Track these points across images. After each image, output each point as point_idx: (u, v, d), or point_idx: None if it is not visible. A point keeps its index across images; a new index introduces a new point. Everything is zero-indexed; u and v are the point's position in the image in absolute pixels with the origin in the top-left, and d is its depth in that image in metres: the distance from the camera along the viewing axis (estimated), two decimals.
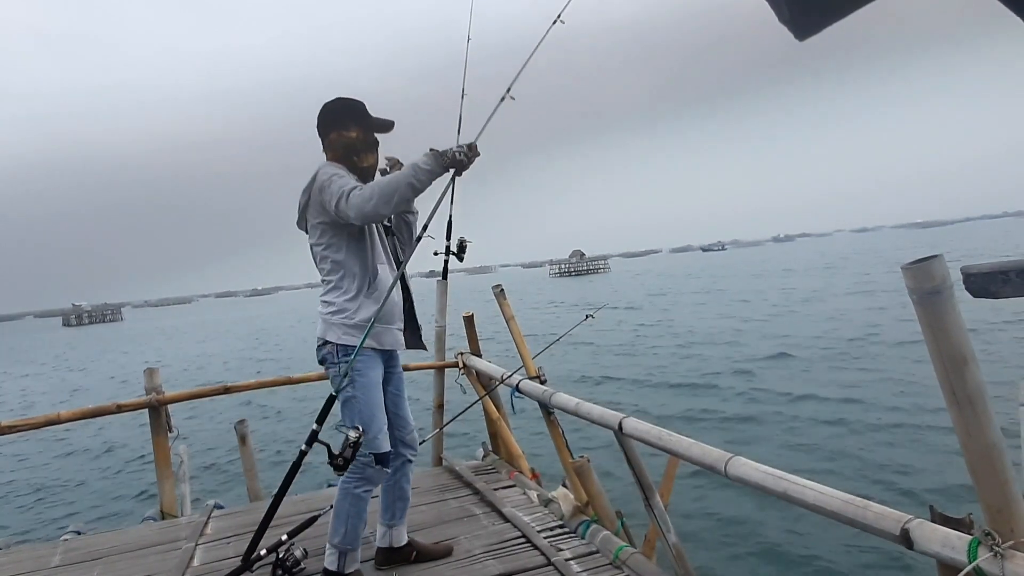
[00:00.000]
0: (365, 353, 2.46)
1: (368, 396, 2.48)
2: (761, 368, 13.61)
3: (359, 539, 2.58)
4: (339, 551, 2.55)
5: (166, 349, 36.51)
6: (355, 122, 2.53)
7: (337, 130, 2.53)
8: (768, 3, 0.65)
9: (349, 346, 2.44)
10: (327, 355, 2.50)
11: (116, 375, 24.61)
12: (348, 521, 2.52)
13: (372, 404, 2.49)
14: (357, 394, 2.46)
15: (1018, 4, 0.55)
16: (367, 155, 2.56)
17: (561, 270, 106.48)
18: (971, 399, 1.35)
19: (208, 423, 12.57)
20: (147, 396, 3.95)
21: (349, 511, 2.52)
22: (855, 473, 7.05)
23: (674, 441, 2.35)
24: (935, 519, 1.50)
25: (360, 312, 2.46)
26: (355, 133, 2.52)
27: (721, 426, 9.59)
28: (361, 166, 2.54)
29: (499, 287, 4.31)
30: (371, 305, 2.47)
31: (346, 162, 2.53)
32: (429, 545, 2.93)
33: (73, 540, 3.60)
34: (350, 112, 2.55)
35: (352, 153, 2.53)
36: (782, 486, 1.83)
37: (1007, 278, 1.67)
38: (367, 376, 2.48)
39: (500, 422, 4.25)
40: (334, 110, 2.54)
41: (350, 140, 2.52)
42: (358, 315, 2.46)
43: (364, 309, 2.47)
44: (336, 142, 2.53)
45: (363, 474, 2.49)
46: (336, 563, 2.55)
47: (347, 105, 2.54)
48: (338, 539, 2.54)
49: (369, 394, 2.48)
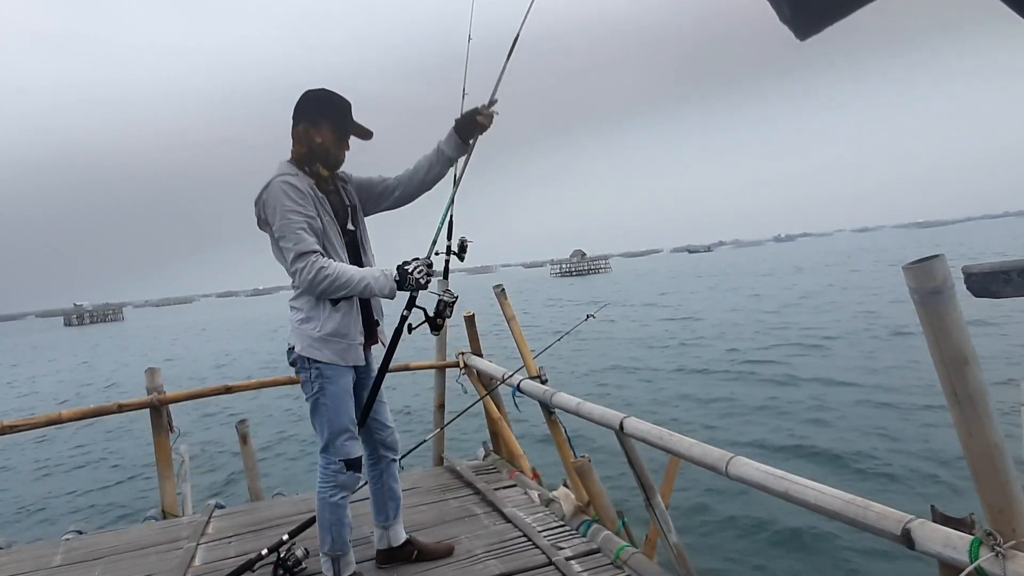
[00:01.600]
0: (332, 364, 2.45)
1: (337, 403, 2.46)
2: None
3: (347, 543, 2.59)
4: (331, 558, 2.56)
5: (199, 345, 36.57)
6: (329, 121, 2.43)
7: (307, 124, 2.43)
8: (769, 2, 0.65)
9: (313, 360, 2.43)
10: (296, 360, 2.49)
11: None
12: (332, 529, 2.52)
13: (341, 411, 2.47)
14: (327, 401, 2.45)
15: (1019, 3, 0.55)
16: (327, 164, 2.49)
17: (562, 270, 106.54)
18: (972, 399, 1.35)
19: (210, 422, 12.58)
20: (148, 396, 3.96)
21: (330, 519, 2.52)
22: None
23: (675, 441, 2.35)
24: (936, 519, 1.50)
25: (325, 325, 2.42)
26: (324, 136, 2.43)
27: None
28: (320, 174, 2.47)
29: (500, 287, 4.31)
30: (334, 316, 2.43)
31: (306, 165, 2.46)
32: (430, 544, 2.93)
33: (74, 540, 3.60)
34: (328, 109, 2.44)
35: (314, 159, 2.46)
36: (783, 486, 1.83)
37: (1008, 278, 1.67)
38: (336, 384, 2.46)
39: (501, 422, 4.25)
40: (312, 100, 2.44)
41: (316, 144, 2.44)
42: (323, 328, 2.41)
43: (329, 321, 2.42)
44: (303, 137, 2.44)
45: (335, 480, 2.49)
46: (332, 570, 2.56)
47: (328, 100, 2.44)
48: (327, 547, 2.55)
49: (338, 401, 2.46)
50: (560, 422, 3.57)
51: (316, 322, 2.41)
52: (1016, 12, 0.54)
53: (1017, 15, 0.55)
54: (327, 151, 2.45)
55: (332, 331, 2.42)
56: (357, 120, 2.51)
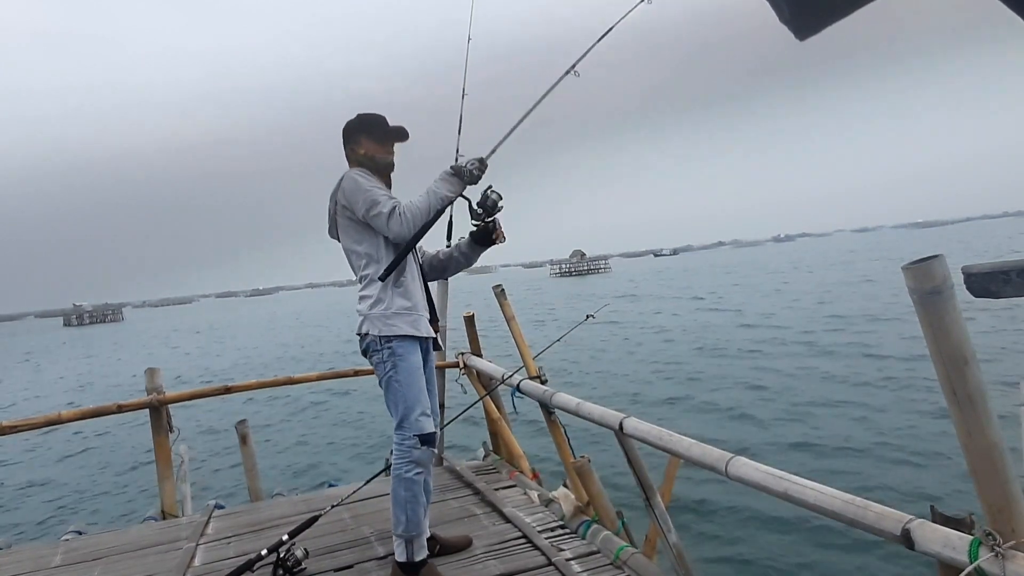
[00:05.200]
0: (404, 340, 2.58)
1: (410, 379, 2.57)
2: None
3: (422, 524, 2.59)
4: (404, 540, 2.56)
5: (225, 342, 36.63)
6: (366, 134, 2.76)
7: (351, 146, 2.78)
8: (769, 3, 0.65)
9: (390, 336, 2.56)
10: (369, 344, 2.62)
11: (182, 372, 23.53)
12: (407, 507, 2.54)
13: (414, 387, 2.57)
14: (400, 378, 2.56)
15: (1018, 4, 0.55)
16: (378, 169, 2.76)
17: (562, 270, 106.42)
18: (971, 398, 1.35)
19: (212, 421, 12.57)
20: (148, 396, 3.96)
21: (405, 496, 2.53)
22: None
23: (674, 441, 2.35)
24: (936, 519, 1.50)
25: (394, 302, 2.60)
26: (366, 147, 2.76)
27: None
28: (378, 167, 2.76)
29: (499, 287, 4.31)
30: (403, 295, 2.62)
31: (366, 166, 2.74)
32: (451, 538, 2.96)
33: (74, 540, 3.60)
34: (362, 126, 2.79)
35: (367, 162, 2.76)
36: (783, 486, 1.83)
37: (1008, 278, 1.67)
38: (408, 360, 2.58)
39: (501, 422, 4.25)
40: (348, 127, 2.80)
41: (361, 155, 2.76)
42: (393, 304, 2.59)
43: (399, 298, 2.61)
44: (351, 156, 2.79)
45: (410, 456, 2.54)
46: (404, 553, 2.56)
47: (360, 120, 2.79)
48: (401, 528, 2.55)
49: (411, 377, 2.57)
50: (560, 422, 3.57)
51: (386, 302, 2.59)
52: (1016, 12, 0.54)
53: (1017, 15, 0.55)
54: (372, 157, 2.75)
55: (401, 306, 2.60)
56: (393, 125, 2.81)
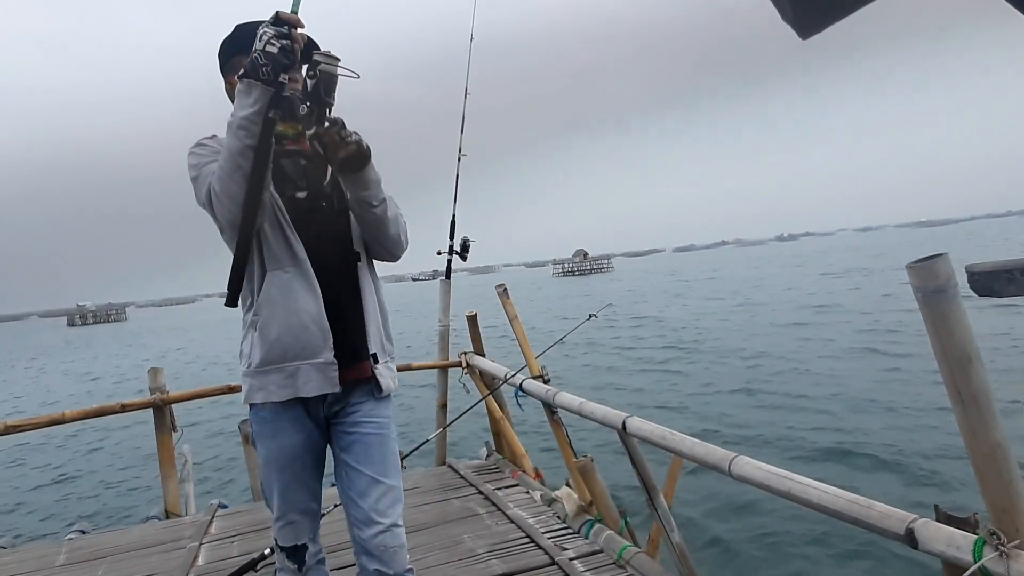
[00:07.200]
0: (264, 411, 1.71)
1: (269, 466, 1.73)
2: None
3: None
4: None
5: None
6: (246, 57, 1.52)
7: (227, 76, 1.73)
8: (772, 2, 0.65)
9: (250, 403, 1.72)
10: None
11: (207, 368, 23.30)
12: None
13: (275, 478, 1.74)
14: (262, 462, 1.76)
15: (1020, 1, 0.55)
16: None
17: (564, 270, 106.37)
18: (975, 398, 1.35)
19: (216, 421, 12.59)
20: (151, 396, 3.97)
21: None
22: None
23: (677, 441, 2.35)
24: (940, 519, 1.50)
25: (254, 344, 1.67)
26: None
27: None
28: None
29: (502, 286, 4.31)
30: (262, 330, 1.66)
31: None
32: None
33: (78, 539, 3.61)
34: (238, 45, 1.68)
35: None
36: (786, 485, 1.83)
37: (1012, 277, 1.67)
38: (276, 440, 1.71)
39: (503, 422, 4.26)
40: (223, 46, 1.75)
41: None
42: (254, 352, 1.67)
43: (258, 338, 1.66)
44: (230, 95, 1.67)
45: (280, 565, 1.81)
46: None
47: (237, 36, 1.70)
48: None
49: (271, 464, 1.73)
50: (562, 422, 3.58)
51: (247, 352, 1.71)
52: (1019, 10, 0.54)
53: (1020, 13, 0.55)
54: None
55: (260, 353, 1.66)
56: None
